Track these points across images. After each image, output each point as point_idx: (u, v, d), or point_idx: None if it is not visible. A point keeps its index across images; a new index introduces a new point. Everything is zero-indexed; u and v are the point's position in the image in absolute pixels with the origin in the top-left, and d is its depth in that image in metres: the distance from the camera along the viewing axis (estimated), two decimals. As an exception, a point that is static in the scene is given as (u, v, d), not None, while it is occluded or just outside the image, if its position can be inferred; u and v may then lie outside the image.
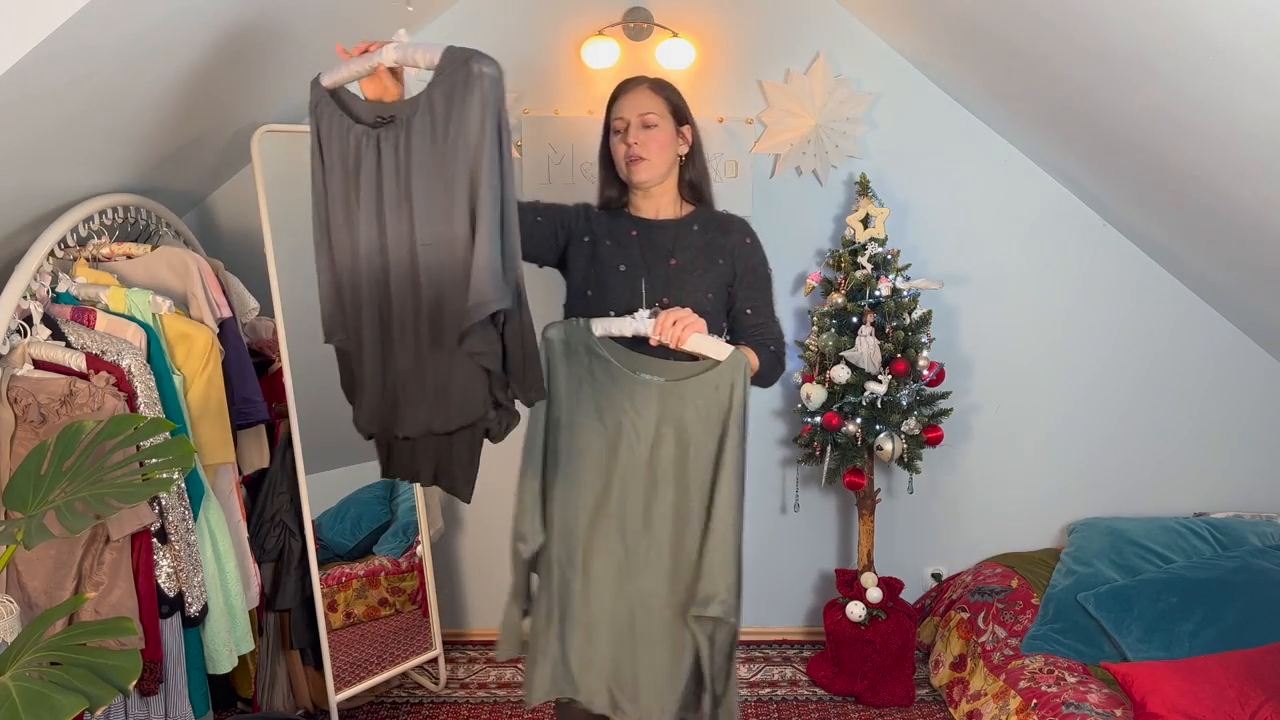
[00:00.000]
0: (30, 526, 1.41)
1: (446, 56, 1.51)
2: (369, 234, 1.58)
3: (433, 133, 1.51)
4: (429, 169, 1.52)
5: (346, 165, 1.59)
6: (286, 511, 2.55)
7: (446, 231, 1.52)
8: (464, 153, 1.50)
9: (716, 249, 1.96)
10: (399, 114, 1.56)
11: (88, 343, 2.00)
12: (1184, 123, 2.08)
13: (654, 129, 1.93)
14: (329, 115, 1.61)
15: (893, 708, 2.82)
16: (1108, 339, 3.09)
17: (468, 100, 1.48)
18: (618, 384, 1.85)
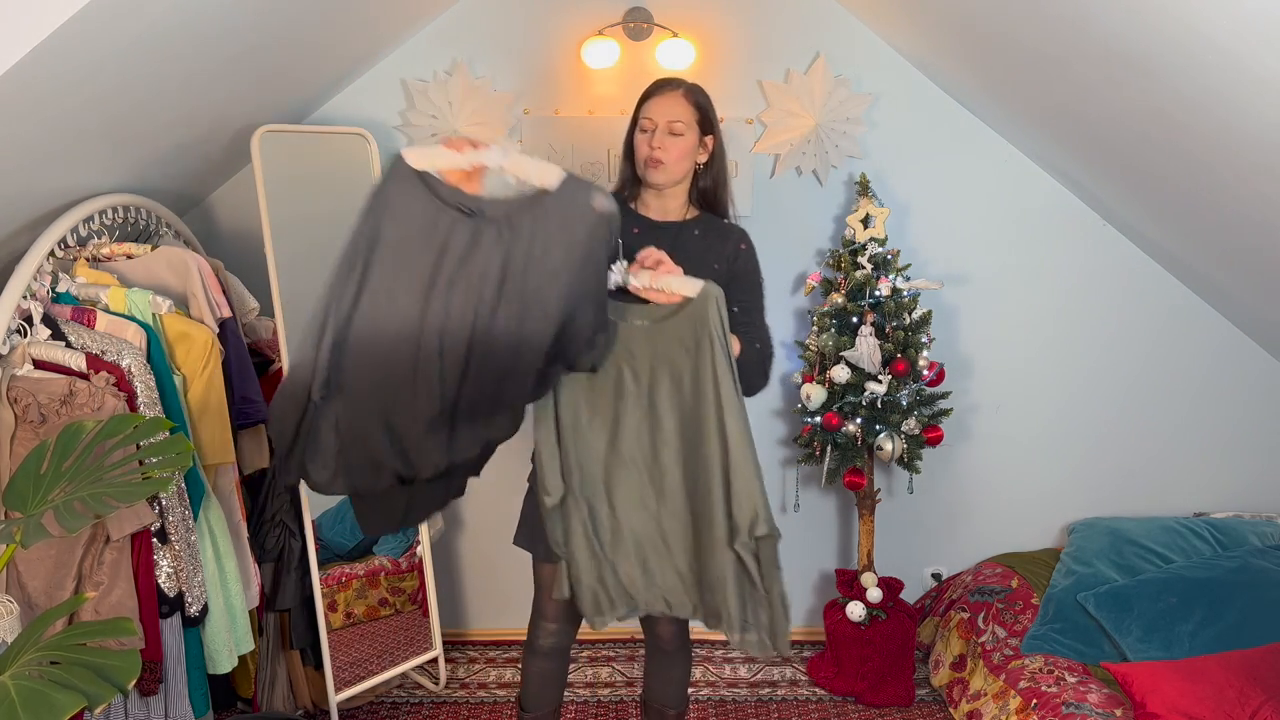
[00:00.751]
0: (29, 526, 1.41)
1: (568, 183, 1.68)
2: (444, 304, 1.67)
3: (541, 239, 1.66)
4: (525, 274, 1.66)
5: (428, 244, 1.67)
6: (286, 511, 2.55)
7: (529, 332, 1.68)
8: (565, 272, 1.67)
9: (714, 254, 2.01)
10: (489, 210, 1.68)
11: (88, 343, 2.00)
12: (1184, 123, 2.08)
13: (679, 137, 1.97)
14: (409, 191, 1.69)
15: (893, 708, 2.82)
16: (1108, 339, 3.09)
17: (582, 226, 1.67)
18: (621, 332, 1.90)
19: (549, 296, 1.68)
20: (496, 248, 1.67)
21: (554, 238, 1.67)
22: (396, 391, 1.70)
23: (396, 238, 1.68)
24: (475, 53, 2.90)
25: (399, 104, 2.92)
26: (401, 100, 2.92)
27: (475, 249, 1.67)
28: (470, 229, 1.68)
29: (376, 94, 2.92)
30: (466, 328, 1.68)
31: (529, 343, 1.70)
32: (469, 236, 1.67)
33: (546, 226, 1.67)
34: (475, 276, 1.67)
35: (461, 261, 1.67)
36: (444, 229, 1.68)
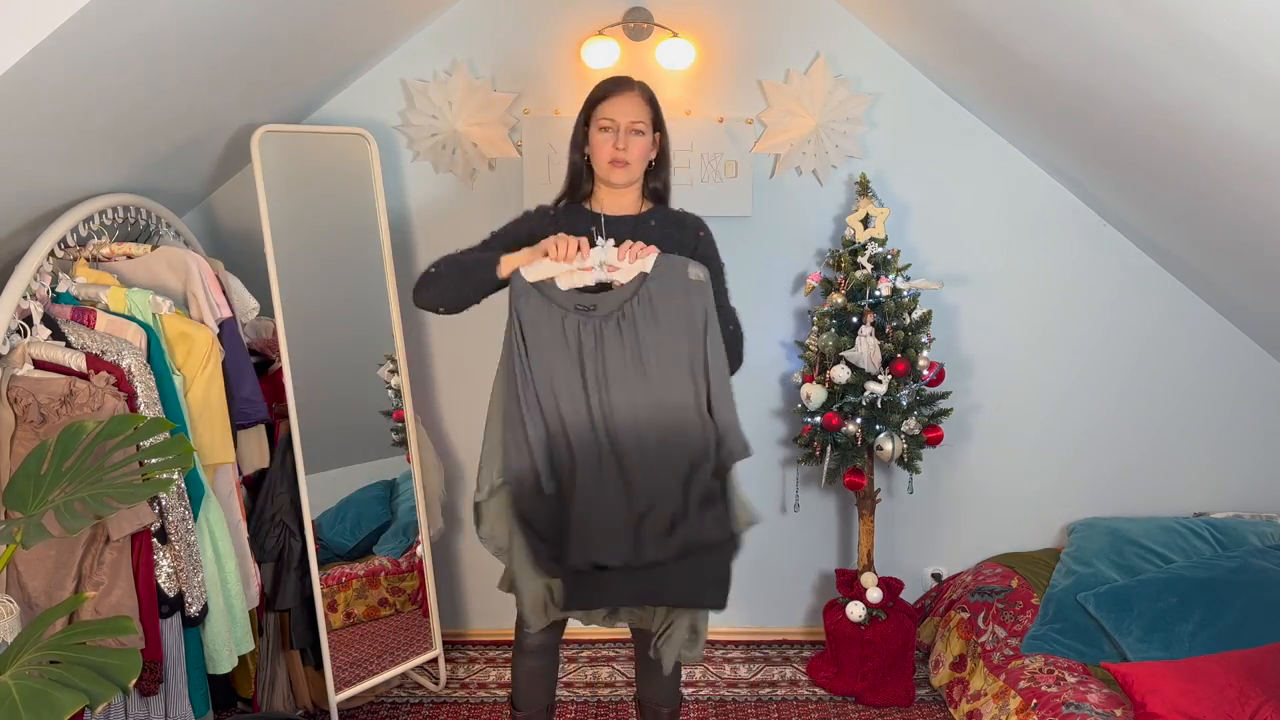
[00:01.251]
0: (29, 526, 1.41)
1: (660, 262, 1.91)
2: (596, 400, 1.88)
3: (656, 320, 1.88)
4: (659, 350, 1.88)
5: (565, 345, 1.89)
6: (286, 511, 2.55)
7: (681, 399, 1.89)
8: (686, 337, 1.89)
9: (672, 243, 2.04)
10: (600, 306, 1.90)
11: (88, 343, 2.00)
12: (1184, 123, 2.08)
13: (640, 136, 2.02)
14: (535, 304, 1.90)
15: (893, 708, 2.82)
16: (1107, 338, 3.09)
17: (689, 297, 1.90)
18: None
19: (684, 364, 1.89)
20: (621, 338, 1.88)
21: (666, 311, 1.89)
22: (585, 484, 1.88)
23: (538, 343, 1.89)
24: (475, 53, 2.90)
25: (399, 104, 2.92)
26: (401, 100, 2.92)
27: (604, 343, 1.88)
28: (592, 327, 1.89)
29: (376, 94, 2.92)
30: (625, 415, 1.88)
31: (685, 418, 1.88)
32: (594, 334, 1.89)
33: (655, 305, 1.89)
34: (615, 367, 1.88)
35: (597, 358, 1.88)
36: (571, 330, 1.89)
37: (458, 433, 3.14)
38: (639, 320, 1.88)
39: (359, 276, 2.79)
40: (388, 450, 2.87)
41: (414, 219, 3.01)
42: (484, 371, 3.07)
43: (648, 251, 1.92)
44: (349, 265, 2.81)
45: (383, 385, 2.84)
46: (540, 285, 1.91)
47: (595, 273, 1.92)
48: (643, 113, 2.02)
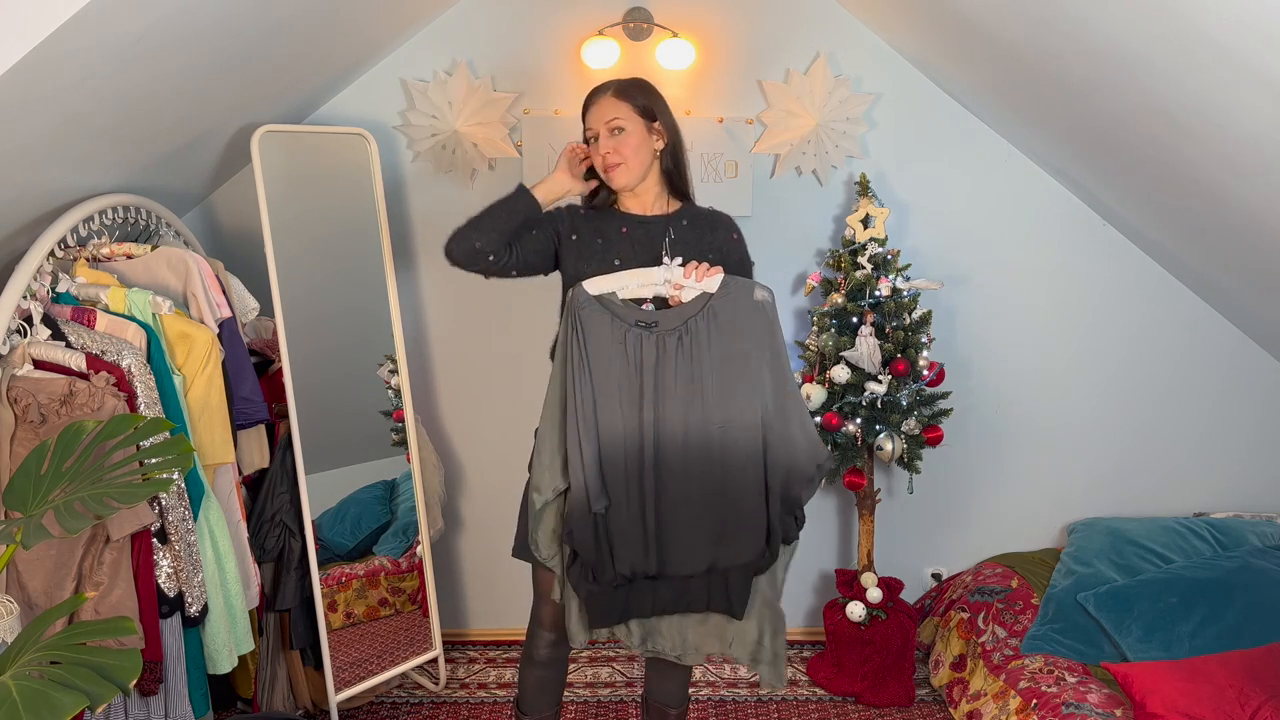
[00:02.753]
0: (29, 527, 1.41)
1: (727, 284, 1.90)
2: (649, 415, 1.88)
3: (719, 339, 1.87)
4: (721, 367, 1.87)
5: (625, 359, 1.88)
6: (286, 511, 2.55)
7: (740, 418, 1.87)
8: (752, 358, 1.88)
9: (706, 244, 2.03)
10: (661, 322, 1.89)
11: (88, 343, 2.00)
12: (1183, 123, 2.08)
13: (623, 133, 1.99)
14: (596, 316, 1.89)
15: (893, 708, 2.82)
16: (1107, 339, 3.09)
17: (753, 318, 1.89)
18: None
19: (743, 384, 1.87)
20: (681, 354, 1.87)
21: (729, 330, 1.88)
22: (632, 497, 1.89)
23: (598, 355, 1.89)
24: (475, 53, 2.90)
25: (399, 104, 2.92)
26: (401, 100, 2.92)
27: (664, 358, 1.87)
28: (654, 342, 1.88)
29: (376, 94, 2.92)
30: (677, 430, 1.87)
31: (738, 437, 1.87)
32: (655, 349, 1.88)
33: (719, 324, 1.88)
34: (673, 383, 1.87)
35: (655, 373, 1.88)
36: (632, 344, 1.89)
37: (458, 433, 3.14)
38: (701, 338, 1.87)
39: (359, 276, 2.79)
40: (388, 450, 2.87)
41: (414, 219, 3.01)
42: (484, 371, 3.09)
43: (713, 272, 1.90)
44: (349, 265, 2.81)
45: (383, 385, 2.84)
46: (602, 298, 1.90)
47: (658, 288, 1.91)
48: (618, 109, 1.99)
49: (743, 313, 1.88)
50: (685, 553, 1.90)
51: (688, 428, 1.87)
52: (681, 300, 1.91)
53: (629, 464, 1.88)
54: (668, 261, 1.93)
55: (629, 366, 1.87)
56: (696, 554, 1.90)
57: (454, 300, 3.05)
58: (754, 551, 1.91)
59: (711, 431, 1.87)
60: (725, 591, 1.95)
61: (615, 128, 1.99)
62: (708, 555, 1.90)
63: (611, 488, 1.88)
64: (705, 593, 1.96)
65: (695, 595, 1.96)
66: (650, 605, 1.97)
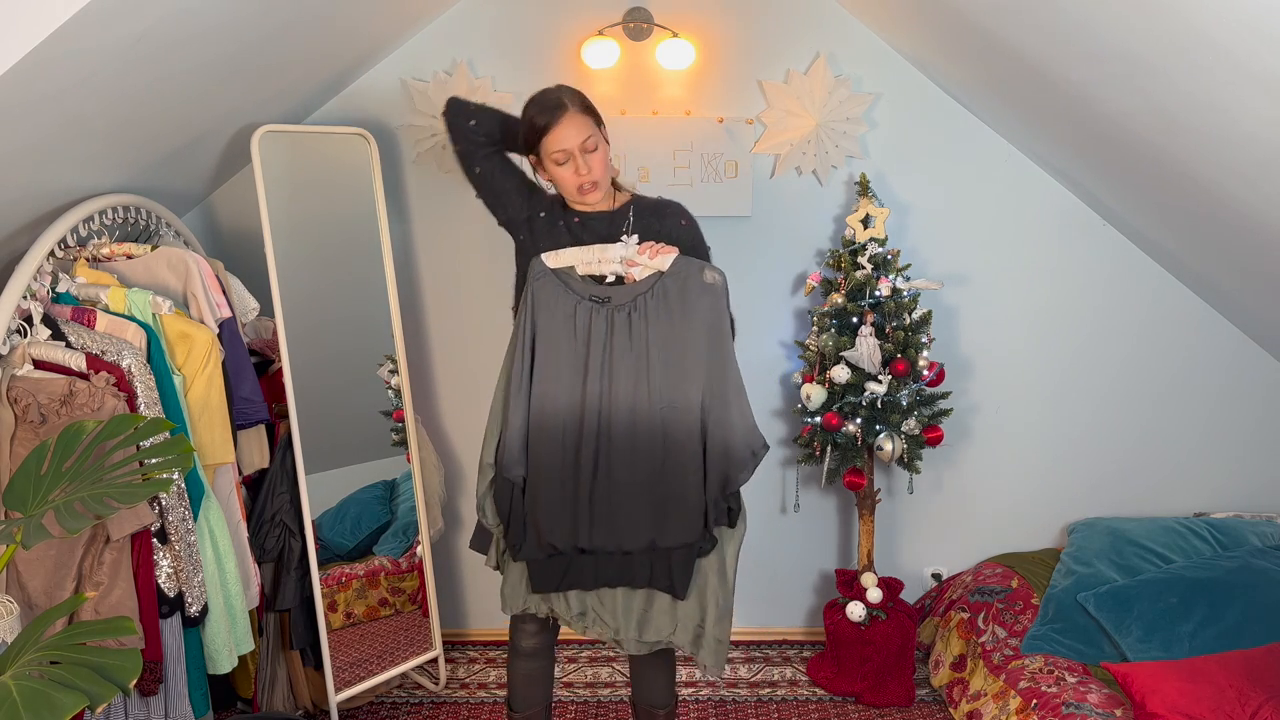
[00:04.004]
0: (29, 527, 1.41)
1: (678, 264, 1.93)
2: (595, 388, 1.91)
3: (669, 318, 1.90)
4: (668, 346, 1.91)
5: (573, 331, 1.92)
6: (286, 511, 2.55)
7: (682, 398, 1.90)
8: (695, 339, 1.90)
9: (652, 234, 2.02)
10: (614, 297, 1.92)
11: (88, 343, 2.00)
12: (1183, 123, 2.08)
13: (596, 151, 1.96)
14: (550, 288, 1.94)
15: (893, 708, 2.82)
16: (1108, 339, 3.09)
17: (702, 299, 1.91)
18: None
19: (688, 364, 1.90)
20: (632, 331, 1.90)
21: (678, 310, 1.91)
22: (568, 468, 1.92)
23: (547, 327, 1.93)
24: (475, 53, 2.90)
25: (399, 104, 2.92)
26: (401, 100, 2.92)
27: (614, 334, 1.90)
28: (605, 316, 1.91)
29: (376, 94, 2.92)
30: (623, 405, 1.90)
31: (678, 417, 1.90)
32: (605, 324, 1.91)
33: (668, 303, 1.91)
34: (621, 358, 1.90)
35: (605, 346, 1.90)
36: (583, 318, 1.92)
37: (458, 433, 3.14)
38: (650, 315, 1.90)
39: (359, 276, 2.79)
40: (388, 450, 2.87)
41: (414, 219, 3.01)
42: (484, 372, 3.08)
43: (668, 251, 1.94)
44: (349, 265, 2.81)
45: (383, 385, 2.84)
46: (558, 271, 1.94)
47: (614, 265, 1.95)
48: (588, 125, 1.95)
49: (692, 292, 1.91)
50: (624, 528, 1.92)
51: (634, 404, 1.90)
52: (635, 278, 1.94)
53: (566, 436, 1.91)
54: (626, 240, 1.96)
55: (576, 340, 1.91)
56: (636, 530, 1.92)
57: (454, 301, 3.05)
58: (693, 532, 1.93)
59: (655, 410, 1.90)
60: (668, 570, 1.97)
61: (589, 146, 1.94)
62: (647, 532, 1.92)
63: (544, 458, 1.91)
64: (648, 570, 1.98)
65: (638, 572, 1.98)
66: (592, 578, 1.99)
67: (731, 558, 2.01)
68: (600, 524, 1.92)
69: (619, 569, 1.99)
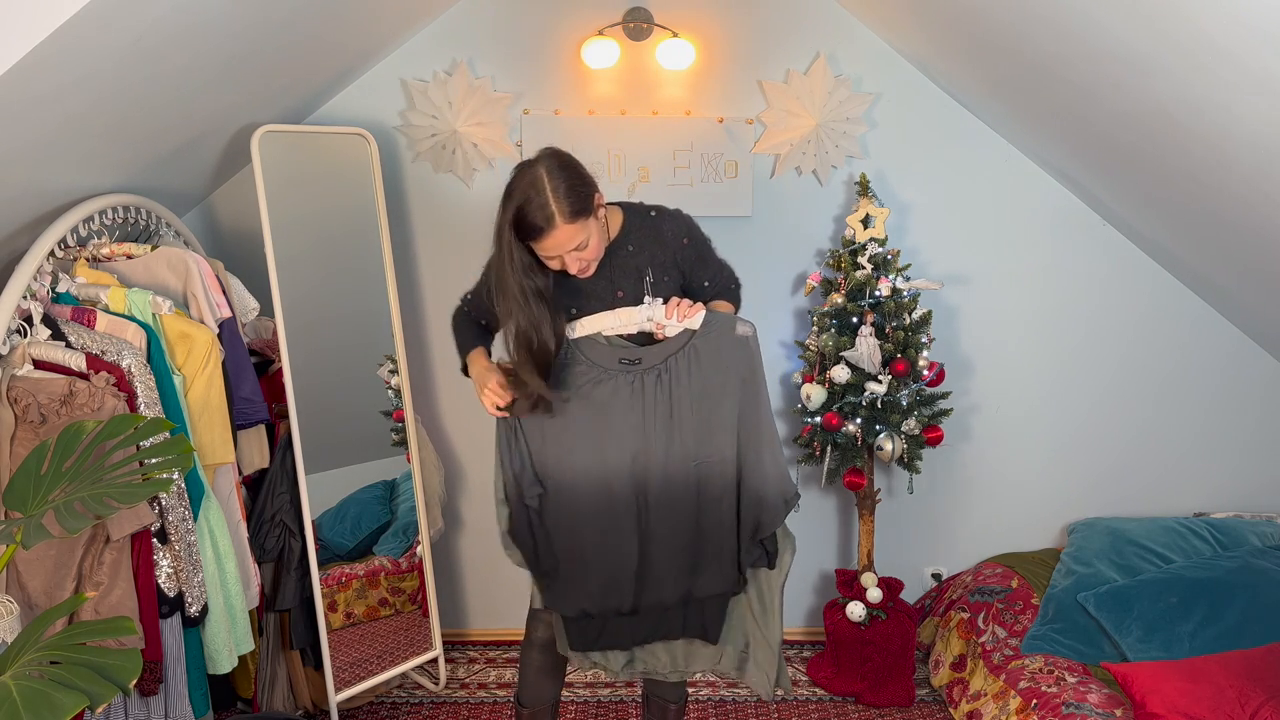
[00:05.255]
0: (29, 527, 1.41)
1: (710, 320, 1.90)
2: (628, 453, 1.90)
3: (701, 374, 1.88)
4: (698, 403, 1.89)
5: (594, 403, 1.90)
6: (286, 511, 2.55)
7: (716, 453, 1.90)
8: (727, 393, 1.89)
9: (658, 264, 1.95)
10: (644, 359, 1.90)
11: (88, 343, 2.00)
12: (1183, 123, 2.08)
13: (588, 246, 1.84)
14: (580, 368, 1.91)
15: (893, 708, 2.82)
16: (1107, 339, 3.09)
17: (735, 353, 1.90)
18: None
19: (720, 418, 1.88)
20: (658, 391, 1.89)
21: (710, 366, 1.88)
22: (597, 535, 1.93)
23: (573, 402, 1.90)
24: (475, 53, 2.90)
25: (399, 104, 2.92)
26: (401, 100, 2.92)
27: (642, 395, 1.89)
28: (631, 380, 1.89)
29: (376, 94, 2.92)
30: (657, 466, 1.89)
31: (713, 472, 1.90)
32: (628, 388, 1.89)
33: (701, 360, 1.88)
34: (652, 419, 1.89)
35: (639, 410, 1.89)
36: (607, 388, 1.89)
37: (458, 433, 3.14)
38: (680, 374, 1.89)
39: (359, 277, 2.79)
40: (388, 450, 2.87)
41: (414, 219, 3.01)
42: (484, 371, 3.08)
43: (695, 310, 1.89)
44: (349, 265, 2.81)
45: (383, 385, 2.84)
46: (579, 342, 1.90)
47: (643, 326, 1.91)
48: (579, 231, 1.79)
49: (725, 349, 1.89)
50: (660, 586, 1.94)
51: (666, 464, 1.90)
52: (667, 335, 1.91)
53: (601, 503, 1.91)
54: (649, 300, 1.91)
55: (603, 406, 1.89)
56: (671, 586, 1.95)
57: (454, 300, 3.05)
58: (727, 582, 1.95)
59: (688, 467, 1.90)
60: (700, 619, 1.99)
61: (581, 246, 1.82)
62: (681, 586, 1.95)
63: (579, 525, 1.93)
64: (681, 619, 2.00)
65: (672, 624, 2.01)
66: (629, 637, 2.02)
67: (771, 590, 2.00)
68: (643, 586, 1.94)
69: (654, 624, 2.00)
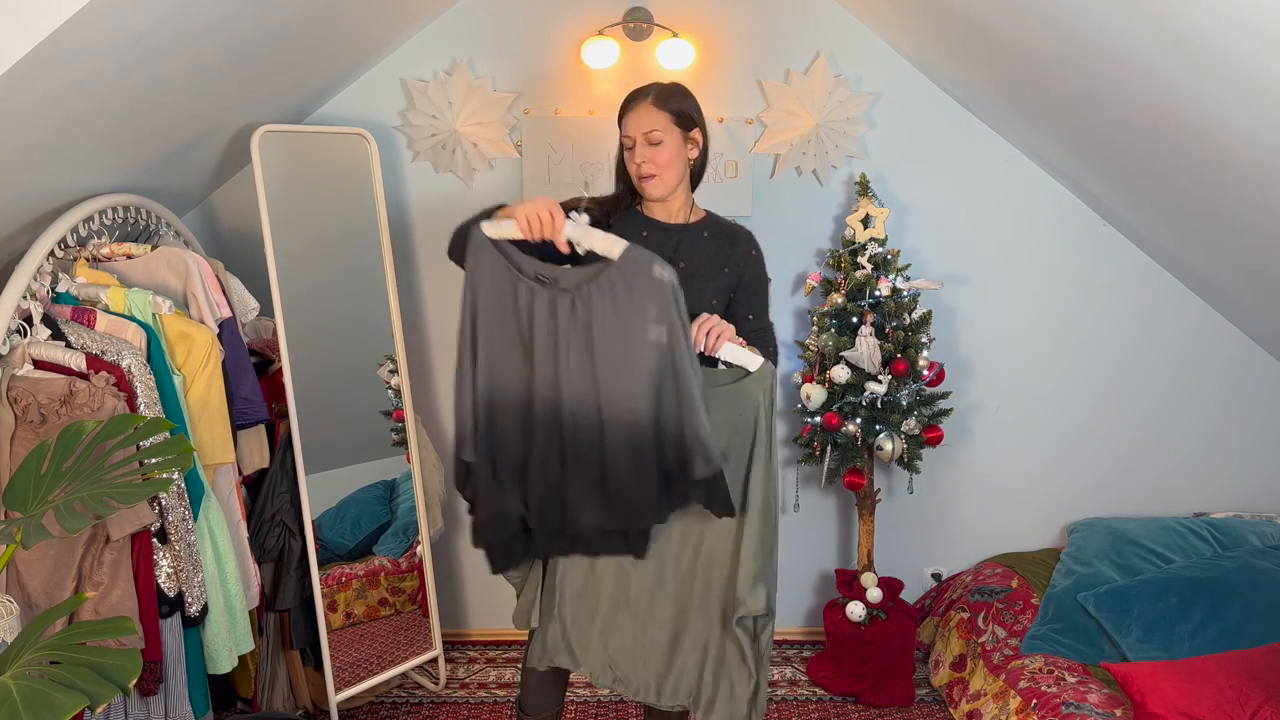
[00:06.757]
0: (29, 527, 1.41)
1: (628, 253, 1.76)
2: (545, 373, 1.80)
3: (615, 310, 1.76)
4: (613, 340, 1.77)
5: (514, 312, 1.81)
6: (286, 511, 2.55)
7: (628, 397, 1.77)
8: (644, 337, 1.76)
9: (724, 258, 2.01)
10: (561, 279, 1.79)
11: (88, 343, 2.00)
12: (1183, 123, 2.08)
13: (659, 145, 1.95)
14: (491, 261, 1.82)
15: (893, 708, 2.82)
16: (1107, 339, 3.09)
17: (650, 296, 1.75)
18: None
19: (632, 366, 1.77)
20: (574, 317, 1.79)
21: (626, 305, 1.77)
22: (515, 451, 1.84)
23: (488, 307, 1.83)
24: (475, 53, 2.90)
25: (399, 104, 2.92)
26: (401, 100, 2.92)
27: (555, 318, 1.79)
28: (547, 299, 1.79)
29: (376, 94, 2.92)
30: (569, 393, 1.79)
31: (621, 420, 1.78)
32: (547, 306, 1.80)
33: (617, 296, 1.77)
34: (562, 345, 1.79)
35: (547, 331, 1.79)
36: (524, 298, 1.80)
37: (458, 433, 3.14)
38: (595, 304, 1.77)
39: (359, 276, 2.79)
40: (388, 450, 2.87)
41: (414, 219, 3.01)
42: (484, 371, 3.08)
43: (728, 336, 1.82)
44: (349, 265, 2.81)
45: (383, 385, 2.84)
46: (500, 244, 1.82)
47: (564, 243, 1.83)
48: (657, 120, 1.94)
49: (640, 289, 1.76)
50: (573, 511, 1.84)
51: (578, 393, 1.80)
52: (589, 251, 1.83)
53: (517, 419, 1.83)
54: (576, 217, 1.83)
55: (517, 320, 1.81)
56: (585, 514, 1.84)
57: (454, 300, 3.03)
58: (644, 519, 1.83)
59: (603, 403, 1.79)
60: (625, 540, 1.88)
61: (653, 139, 1.94)
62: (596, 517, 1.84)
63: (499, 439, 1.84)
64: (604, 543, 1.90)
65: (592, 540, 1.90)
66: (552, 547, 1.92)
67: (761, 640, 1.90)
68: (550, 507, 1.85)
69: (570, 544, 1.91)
